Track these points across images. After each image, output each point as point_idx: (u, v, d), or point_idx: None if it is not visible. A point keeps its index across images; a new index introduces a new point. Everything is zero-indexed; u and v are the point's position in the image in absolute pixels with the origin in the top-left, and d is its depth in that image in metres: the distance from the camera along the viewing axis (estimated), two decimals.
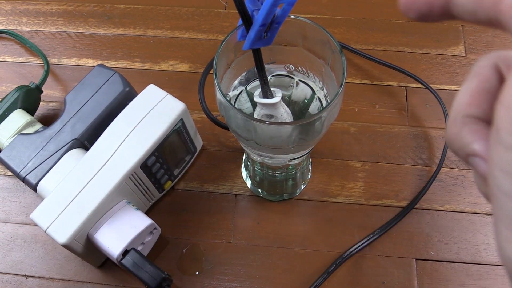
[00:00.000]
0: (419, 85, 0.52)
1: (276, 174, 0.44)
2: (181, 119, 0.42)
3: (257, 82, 0.34)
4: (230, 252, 0.44)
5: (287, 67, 0.38)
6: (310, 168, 0.48)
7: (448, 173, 0.48)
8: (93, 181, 0.39)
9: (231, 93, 0.37)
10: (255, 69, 0.32)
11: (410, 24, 0.57)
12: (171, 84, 0.54)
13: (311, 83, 0.37)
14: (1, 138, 0.44)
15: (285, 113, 0.35)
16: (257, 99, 0.34)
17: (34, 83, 0.49)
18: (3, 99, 0.47)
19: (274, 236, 0.45)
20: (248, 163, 0.46)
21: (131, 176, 0.40)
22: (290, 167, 0.43)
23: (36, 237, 0.46)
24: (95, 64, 0.55)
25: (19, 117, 0.45)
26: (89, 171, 0.39)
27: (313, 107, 0.37)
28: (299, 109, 0.37)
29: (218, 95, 0.33)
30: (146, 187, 0.43)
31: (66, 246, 0.37)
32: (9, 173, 0.49)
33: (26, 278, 0.44)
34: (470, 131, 0.17)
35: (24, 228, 0.46)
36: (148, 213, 0.46)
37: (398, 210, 0.46)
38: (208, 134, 0.50)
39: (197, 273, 0.44)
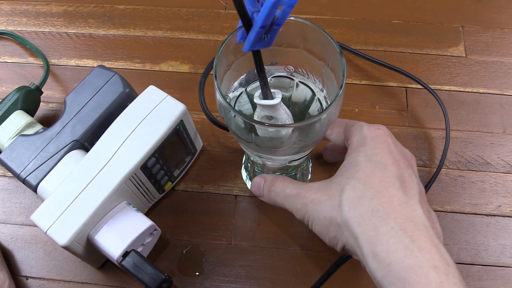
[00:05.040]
0: (419, 86, 0.52)
1: None
2: (181, 121, 0.42)
3: (257, 84, 0.34)
4: (230, 253, 0.44)
5: (287, 69, 0.38)
6: (310, 170, 0.48)
7: (448, 174, 0.48)
8: (93, 182, 0.39)
9: (231, 95, 0.37)
10: (255, 71, 0.32)
11: (410, 25, 0.57)
12: (171, 84, 0.54)
13: (311, 85, 0.38)
14: (1, 139, 0.44)
15: (285, 115, 0.35)
16: (257, 100, 0.34)
17: (34, 84, 0.49)
18: (3, 100, 0.47)
19: (275, 237, 0.45)
20: (248, 164, 0.46)
21: (131, 178, 0.40)
22: (290, 168, 0.43)
23: (37, 238, 0.46)
24: (95, 64, 0.55)
25: (19, 118, 0.45)
26: (89, 173, 0.39)
27: (313, 108, 0.37)
28: (299, 110, 0.37)
29: (218, 97, 0.33)
30: (146, 188, 0.43)
31: (66, 247, 0.37)
32: (10, 174, 0.49)
33: (27, 279, 0.44)
34: None
35: (24, 229, 0.46)
36: (148, 214, 0.46)
37: None
38: (208, 135, 0.50)
39: (197, 274, 0.44)
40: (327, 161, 0.40)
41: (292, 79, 0.38)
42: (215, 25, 0.58)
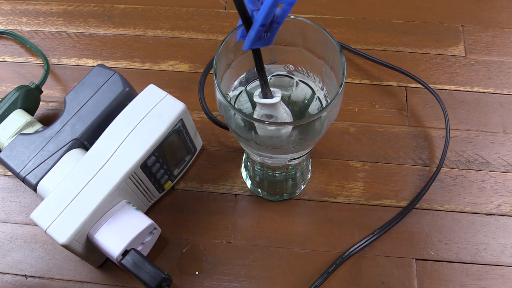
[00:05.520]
0: (419, 85, 0.52)
1: (276, 174, 0.44)
2: (181, 119, 0.42)
3: (257, 82, 0.34)
4: (230, 252, 0.44)
5: (287, 67, 0.38)
6: (310, 168, 0.48)
7: (448, 173, 0.48)
8: (93, 181, 0.39)
9: (231, 93, 0.37)
10: (255, 69, 0.32)
11: (410, 24, 0.57)
12: (171, 84, 0.54)
13: (311, 83, 0.38)
14: (1, 138, 0.44)
15: (285, 113, 0.35)
16: (257, 99, 0.34)
17: (34, 83, 0.49)
18: (3, 99, 0.47)
19: (274, 236, 0.45)
20: (248, 163, 0.46)
21: (131, 176, 0.40)
22: (290, 167, 0.43)
23: (36, 237, 0.46)
24: (95, 64, 0.55)
25: (19, 117, 0.45)
26: (89, 171, 0.39)
27: (313, 107, 0.37)
28: (299, 109, 0.37)
29: (218, 95, 0.33)
30: (146, 187, 0.43)
31: (66, 246, 0.37)
32: (9, 173, 0.49)
33: (26, 278, 0.44)
34: None
35: (24, 228, 0.46)
36: (148, 213, 0.46)
37: (398, 210, 0.46)
38: (208, 134, 0.50)
39: (197, 273, 0.44)
40: None
41: (292, 78, 0.38)
42: (215, 24, 0.58)
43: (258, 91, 0.34)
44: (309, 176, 0.48)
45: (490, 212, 0.46)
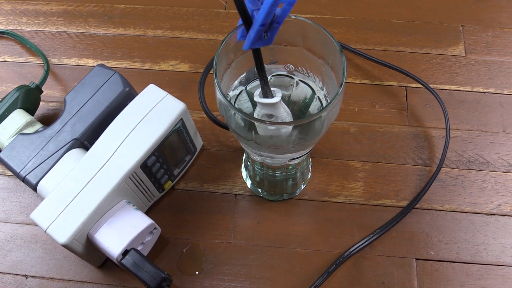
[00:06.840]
0: (419, 85, 0.53)
1: (276, 174, 0.44)
2: (181, 119, 0.42)
3: (257, 82, 0.34)
4: (230, 252, 0.44)
5: (287, 67, 0.38)
6: (310, 168, 0.48)
7: (448, 173, 0.48)
8: (93, 181, 0.39)
9: (231, 93, 0.37)
10: (255, 69, 0.32)
11: (410, 24, 0.57)
12: (171, 84, 0.54)
13: (311, 83, 0.38)
14: (1, 138, 0.44)
15: (285, 113, 0.35)
16: (257, 98, 0.34)
17: (34, 83, 0.49)
18: (3, 99, 0.47)
19: (274, 236, 0.45)
20: (248, 163, 0.46)
21: (131, 176, 0.40)
22: (290, 167, 0.43)
23: (36, 237, 0.46)
24: (95, 64, 0.55)
25: (19, 117, 0.45)
26: (89, 171, 0.39)
27: (313, 107, 0.37)
28: (299, 109, 0.37)
29: (218, 95, 0.33)
30: (146, 187, 0.43)
31: (66, 246, 0.37)
32: (9, 173, 0.49)
33: (26, 278, 0.44)
34: None
35: (24, 228, 0.46)
36: (148, 213, 0.46)
37: (398, 210, 0.46)
38: (208, 134, 0.51)
39: (197, 273, 0.44)
40: None
41: (292, 78, 0.38)
42: (215, 24, 0.58)
43: (258, 91, 0.34)
44: (309, 176, 0.48)
45: (490, 212, 0.46)
